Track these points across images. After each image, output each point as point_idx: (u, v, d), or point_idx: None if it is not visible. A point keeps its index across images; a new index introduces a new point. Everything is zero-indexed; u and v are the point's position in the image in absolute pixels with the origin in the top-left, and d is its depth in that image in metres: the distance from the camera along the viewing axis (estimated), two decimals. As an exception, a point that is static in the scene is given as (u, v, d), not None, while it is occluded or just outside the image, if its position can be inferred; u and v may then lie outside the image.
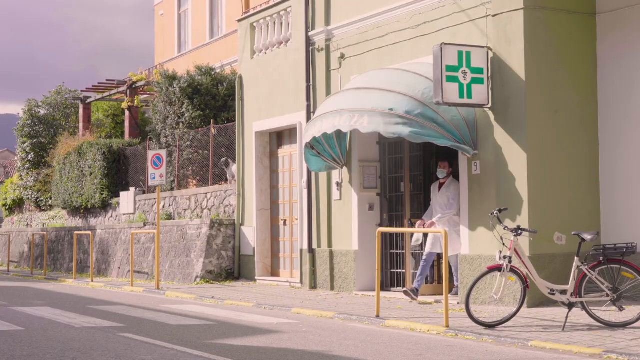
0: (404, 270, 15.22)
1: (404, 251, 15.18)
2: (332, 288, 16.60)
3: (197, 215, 22.29)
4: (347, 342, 10.00)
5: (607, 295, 10.51)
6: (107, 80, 31.39)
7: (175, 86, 23.58)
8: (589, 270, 10.52)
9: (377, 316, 12.10)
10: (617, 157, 13.01)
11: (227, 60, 27.08)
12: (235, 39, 25.35)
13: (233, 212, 20.74)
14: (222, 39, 28.52)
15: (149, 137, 25.80)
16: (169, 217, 23.45)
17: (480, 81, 13.01)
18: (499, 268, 10.84)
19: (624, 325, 10.37)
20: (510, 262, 10.79)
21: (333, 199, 16.73)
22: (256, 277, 19.31)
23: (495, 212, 11.07)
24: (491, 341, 9.97)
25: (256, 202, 19.48)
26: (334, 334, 10.79)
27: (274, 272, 19.43)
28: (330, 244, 16.79)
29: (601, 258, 10.51)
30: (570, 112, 13.09)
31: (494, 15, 13.11)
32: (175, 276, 20.91)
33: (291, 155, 18.81)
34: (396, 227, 15.55)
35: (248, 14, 20.82)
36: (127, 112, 30.55)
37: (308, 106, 17.30)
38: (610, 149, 13.10)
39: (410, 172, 15.50)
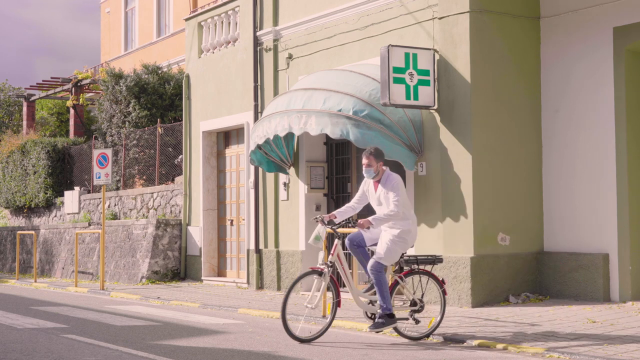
0: (350, 271, 15.24)
1: (350, 251, 15.20)
2: (278, 288, 16.59)
3: (143, 215, 22.11)
4: (294, 342, 10.01)
5: (413, 305, 10.13)
6: (52, 77, 30.98)
7: (121, 85, 23.38)
8: (401, 278, 10.12)
9: (324, 316, 12.11)
10: (558, 158, 13.23)
11: (174, 59, 26.94)
12: (182, 37, 25.22)
13: (179, 212, 20.63)
14: (169, 38, 28.35)
15: (94, 135, 25.54)
16: (115, 216, 23.23)
17: (426, 83, 13.12)
18: (319, 272, 10.05)
19: (419, 338, 10.10)
20: (331, 267, 10.09)
21: (280, 199, 16.73)
22: (202, 278, 19.23)
23: (319, 216, 10.34)
24: (436, 340, 10.06)
25: (203, 202, 19.40)
26: (281, 334, 10.78)
27: (220, 272, 19.37)
28: (277, 244, 16.79)
29: (413, 267, 10.16)
30: (515, 114, 13.27)
31: (440, 18, 13.23)
32: (120, 276, 20.71)
33: (238, 155, 18.77)
34: (343, 227, 15.56)
35: (196, 12, 20.72)
36: (72, 111, 30.20)
37: (256, 106, 17.27)
38: (553, 151, 13.32)
39: (357, 172, 15.56)
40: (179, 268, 20.11)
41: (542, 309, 11.99)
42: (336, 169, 16.05)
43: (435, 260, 10.31)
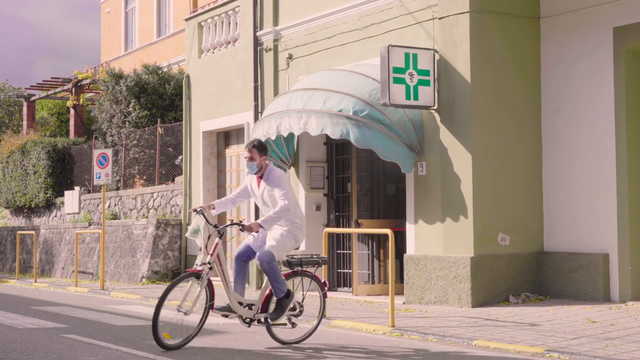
0: (350, 271, 15.29)
1: (350, 251, 15.25)
2: (278, 288, 16.57)
3: (143, 215, 22.11)
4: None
5: (292, 310, 9.65)
6: (52, 77, 31.00)
7: (121, 85, 23.39)
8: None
9: (324, 316, 12.11)
10: (558, 158, 13.23)
11: (175, 59, 26.93)
12: (182, 37, 25.22)
13: (179, 212, 20.62)
14: (169, 38, 28.34)
15: (94, 135, 25.54)
16: (115, 216, 23.23)
17: (426, 83, 13.13)
18: (197, 274, 9.31)
19: (293, 342, 9.73)
20: (210, 268, 9.38)
21: (280, 199, 16.70)
22: (203, 278, 19.21)
23: (198, 208, 9.48)
24: (436, 340, 10.07)
25: (203, 202, 19.39)
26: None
27: (220, 272, 19.35)
28: (277, 244, 16.76)
29: (297, 268, 9.73)
30: (515, 114, 13.27)
31: (440, 18, 13.23)
32: (120, 276, 20.71)
33: (238, 155, 18.78)
34: (343, 227, 15.61)
35: (196, 13, 20.72)
36: (72, 111, 30.21)
37: (256, 106, 17.27)
38: (553, 151, 13.32)
39: (357, 172, 15.57)
40: (179, 268, 20.10)
41: (542, 309, 12.00)
42: (336, 169, 16.05)
43: (320, 261, 9.85)
